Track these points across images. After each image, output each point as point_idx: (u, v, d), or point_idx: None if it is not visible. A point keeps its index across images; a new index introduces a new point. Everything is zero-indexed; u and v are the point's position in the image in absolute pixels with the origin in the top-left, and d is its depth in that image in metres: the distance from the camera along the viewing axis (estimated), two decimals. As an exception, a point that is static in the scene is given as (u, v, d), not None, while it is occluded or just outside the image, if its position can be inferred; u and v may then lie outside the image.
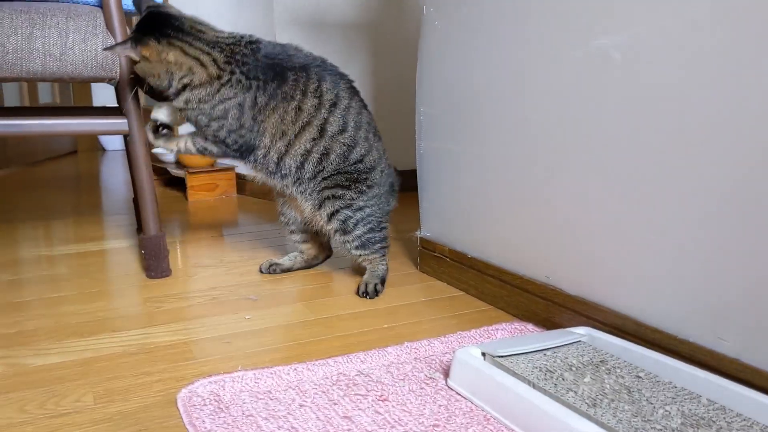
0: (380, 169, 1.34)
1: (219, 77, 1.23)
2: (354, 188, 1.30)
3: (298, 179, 1.31)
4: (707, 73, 0.81)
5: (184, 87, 1.24)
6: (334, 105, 1.28)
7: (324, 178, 1.30)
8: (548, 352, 0.91)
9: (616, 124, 0.94)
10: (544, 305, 1.11)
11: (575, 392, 0.80)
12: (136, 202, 1.88)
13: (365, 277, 1.34)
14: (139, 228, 1.90)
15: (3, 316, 1.20)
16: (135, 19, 1.35)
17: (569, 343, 0.94)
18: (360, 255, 1.33)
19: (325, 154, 1.28)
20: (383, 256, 1.35)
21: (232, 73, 1.23)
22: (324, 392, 0.89)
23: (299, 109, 1.26)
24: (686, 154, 0.84)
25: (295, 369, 0.96)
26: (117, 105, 1.76)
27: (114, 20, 1.32)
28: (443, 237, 1.39)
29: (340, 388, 0.90)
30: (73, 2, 1.36)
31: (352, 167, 1.30)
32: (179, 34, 1.23)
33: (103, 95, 4.39)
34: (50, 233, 1.92)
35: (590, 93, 0.97)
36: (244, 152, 1.30)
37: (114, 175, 3.24)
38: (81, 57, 1.29)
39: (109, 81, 1.34)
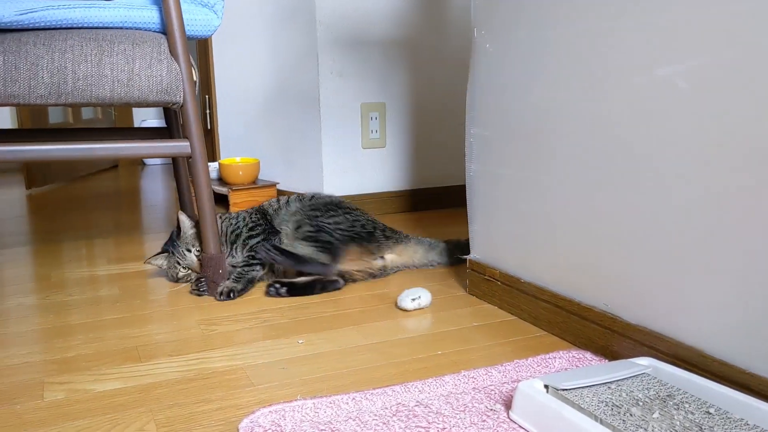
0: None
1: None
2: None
3: None
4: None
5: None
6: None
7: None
8: (612, 385, 0.89)
9: (677, 149, 0.92)
10: (603, 333, 1.09)
11: (645, 429, 0.78)
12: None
13: None
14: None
15: (61, 339, 1.23)
16: (193, 44, 1.38)
17: (633, 376, 0.92)
18: None
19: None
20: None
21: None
22: (385, 424, 0.88)
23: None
24: (755, 178, 0.82)
25: (354, 398, 0.95)
26: (165, 126, 1.79)
27: (177, 46, 1.34)
28: (494, 260, 1.37)
29: (401, 419, 0.89)
30: (138, 29, 1.38)
31: None
32: None
33: (143, 110, 4.46)
34: (95, 252, 1.95)
35: (652, 119, 0.96)
36: None
37: (154, 192, 3.28)
38: (147, 82, 1.32)
39: (173, 105, 1.36)
